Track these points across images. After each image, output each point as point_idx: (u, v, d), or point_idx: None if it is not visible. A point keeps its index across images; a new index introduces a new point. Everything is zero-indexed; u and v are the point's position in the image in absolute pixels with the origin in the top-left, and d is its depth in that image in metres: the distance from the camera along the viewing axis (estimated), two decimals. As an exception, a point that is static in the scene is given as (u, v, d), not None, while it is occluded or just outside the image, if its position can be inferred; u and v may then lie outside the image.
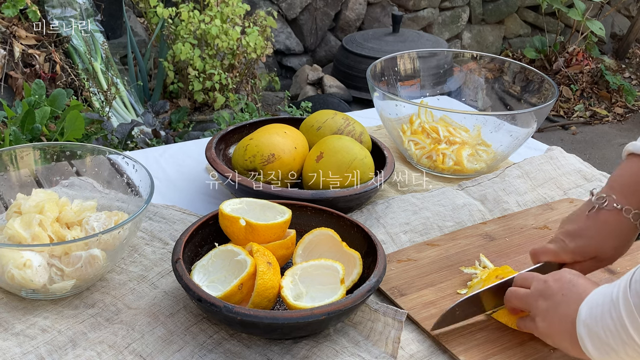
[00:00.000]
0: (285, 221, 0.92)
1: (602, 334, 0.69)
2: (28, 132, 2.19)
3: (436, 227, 1.07)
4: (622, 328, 0.67)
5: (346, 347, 0.81)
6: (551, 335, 0.77)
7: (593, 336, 0.70)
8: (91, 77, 2.80)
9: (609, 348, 0.69)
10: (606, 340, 0.69)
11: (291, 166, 1.10)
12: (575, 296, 0.75)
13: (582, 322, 0.71)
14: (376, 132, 1.43)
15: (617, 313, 0.67)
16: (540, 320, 0.78)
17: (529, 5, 4.51)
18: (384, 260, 0.87)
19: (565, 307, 0.75)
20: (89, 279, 0.87)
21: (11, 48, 2.72)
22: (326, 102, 3.33)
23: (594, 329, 0.70)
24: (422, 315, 0.87)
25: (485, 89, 1.44)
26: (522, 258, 1.00)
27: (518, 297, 0.82)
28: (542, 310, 0.78)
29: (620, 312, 0.67)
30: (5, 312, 0.85)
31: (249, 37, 2.96)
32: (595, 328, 0.70)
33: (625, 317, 0.67)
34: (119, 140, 2.39)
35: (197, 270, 0.84)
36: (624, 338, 0.67)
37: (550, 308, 0.77)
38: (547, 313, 0.77)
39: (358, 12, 4.10)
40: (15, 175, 1.00)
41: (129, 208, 0.98)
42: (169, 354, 0.80)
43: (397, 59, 1.41)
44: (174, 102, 3.13)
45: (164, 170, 1.25)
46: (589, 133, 3.76)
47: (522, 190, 1.19)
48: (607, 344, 0.69)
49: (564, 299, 0.76)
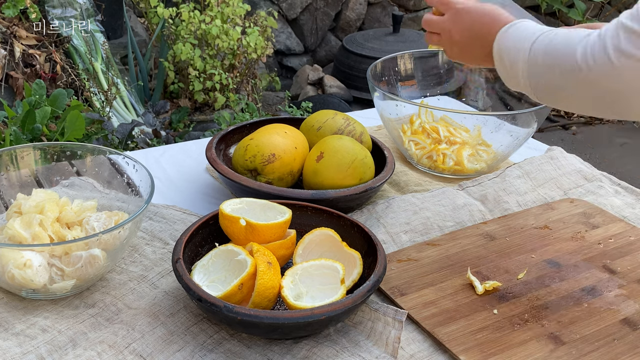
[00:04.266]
0: (286, 221, 0.92)
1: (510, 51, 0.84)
2: (28, 132, 2.20)
3: (436, 227, 1.07)
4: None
5: (346, 347, 0.81)
6: (463, 50, 0.93)
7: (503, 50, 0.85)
8: (92, 77, 2.80)
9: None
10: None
11: (291, 166, 1.10)
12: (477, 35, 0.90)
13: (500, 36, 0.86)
14: (376, 132, 1.44)
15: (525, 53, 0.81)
16: (456, 34, 0.93)
17: (529, 5, 4.51)
18: (384, 260, 0.87)
19: (472, 46, 0.91)
20: (89, 279, 0.87)
21: (12, 48, 2.72)
22: (326, 102, 3.33)
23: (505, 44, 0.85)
24: (422, 315, 0.87)
25: (486, 89, 1.44)
26: (522, 258, 1.00)
27: (434, 23, 0.96)
28: (453, 36, 0.93)
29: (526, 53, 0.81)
30: (6, 312, 0.85)
31: (250, 37, 2.96)
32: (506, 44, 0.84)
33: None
34: (119, 140, 2.39)
35: (197, 270, 0.84)
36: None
37: (460, 43, 0.93)
38: (460, 47, 0.93)
39: (358, 12, 4.10)
40: (15, 175, 1.00)
41: (129, 208, 0.98)
42: (169, 353, 0.80)
43: (398, 59, 1.41)
44: (175, 102, 3.13)
45: (164, 170, 1.25)
46: (589, 133, 3.76)
47: (523, 190, 1.19)
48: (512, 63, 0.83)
49: (469, 39, 0.91)
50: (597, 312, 0.89)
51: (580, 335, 0.85)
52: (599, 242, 1.05)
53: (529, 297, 0.91)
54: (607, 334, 0.85)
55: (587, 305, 0.90)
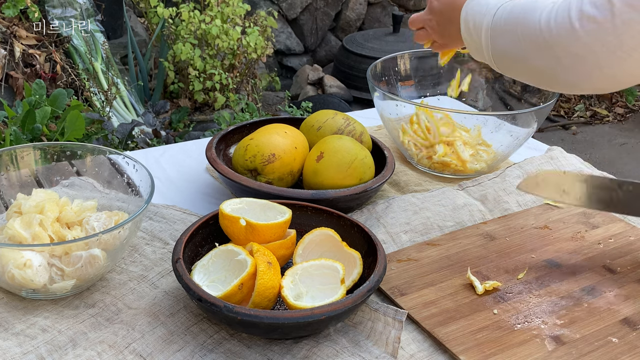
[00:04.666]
0: (286, 221, 0.92)
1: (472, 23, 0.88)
2: (28, 132, 2.20)
3: (436, 227, 1.07)
4: None
5: (346, 347, 0.81)
6: (442, 34, 1.00)
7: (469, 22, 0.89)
8: (92, 77, 2.80)
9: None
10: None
11: (291, 166, 1.10)
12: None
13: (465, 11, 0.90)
14: (376, 132, 1.44)
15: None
16: (435, 27, 1.01)
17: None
18: (384, 260, 0.87)
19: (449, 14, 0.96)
20: (89, 279, 0.87)
21: (12, 48, 2.72)
22: (326, 102, 3.33)
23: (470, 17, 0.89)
24: (422, 315, 0.87)
25: (486, 89, 1.44)
26: (522, 258, 1.00)
27: (416, 19, 1.05)
28: (433, 24, 1.01)
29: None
30: (6, 312, 0.85)
31: (250, 37, 2.96)
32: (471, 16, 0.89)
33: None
34: (119, 140, 2.39)
35: (197, 270, 0.84)
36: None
37: (440, 21, 0.99)
38: (440, 25, 0.99)
39: (358, 12, 4.10)
40: (15, 175, 1.00)
41: (129, 208, 0.98)
42: (169, 353, 0.80)
43: (398, 59, 1.41)
44: (175, 102, 3.14)
45: (164, 170, 1.25)
46: (589, 133, 3.76)
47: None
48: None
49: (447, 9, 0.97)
50: (597, 312, 0.89)
51: (580, 335, 0.85)
52: (599, 242, 1.05)
53: (529, 297, 0.92)
54: (606, 334, 0.85)
55: (587, 305, 0.90)
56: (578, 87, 0.80)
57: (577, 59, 0.75)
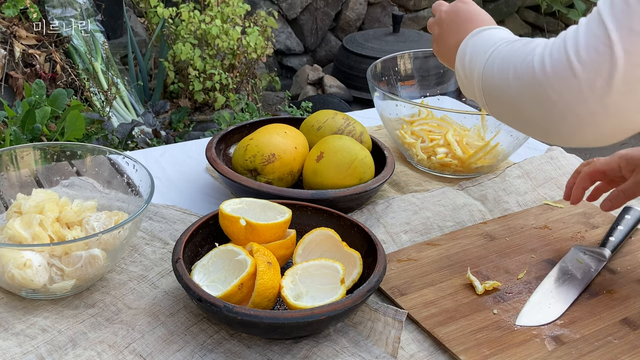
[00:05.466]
0: (286, 221, 0.92)
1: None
2: (28, 132, 2.20)
3: (436, 227, 1.07)
4: None
5: (346, 347, 0.82)
6: (441, 53, 0.98)
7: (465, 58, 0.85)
8: (91, 77, 2.80)
9: None
10: None
11: (291, 166, 1.10)
12: (455, 26, 0.93)
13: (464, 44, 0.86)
14: (376, 132, 1.44)
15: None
16: (434, 42, 0.98)
17: (529, 6, 4.51)
18: (384, 260, 0.87)
19: (448, 35, 0.94)
20: (89, 279, 0.87)
21: (11, 48, 2.72)
22: (326, 102, 3.33)
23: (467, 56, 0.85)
24: (422, 314, 0.87)
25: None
26: (522, 258, 1.00)
27: (429, 24, 1.01)
28: (436, 35, 0.98)
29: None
30: (6, 312, 0.85)
31: (250, 37, 2.96)
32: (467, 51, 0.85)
33: None
34: (119, 140, 2.39)
35: (197, 270, 0.84)
36: None
37: (441, 33, 0.97)
38: (439, 37, 0.97)
39: (358, 12, 4.10)
40: (15, 175, 1.00)
41: (129, 208, 0.98)
42: (169, 353, 0.80)
43: (397, 59, 1.41)
44: (175, 102, 3.14)
45: (164, 170, 1.25)
46: (589, 133, 3.76)
47: (523, 190, 1.19)
48: None
49: (449, 29, 0.95)
50: (597, 312, 0.89)
51: (580, 335, 0.85)
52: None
53: (529, 297, 0.91)
54: (606, 334, 0.85)
55: (587, 305, 0.90)
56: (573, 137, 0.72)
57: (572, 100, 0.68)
